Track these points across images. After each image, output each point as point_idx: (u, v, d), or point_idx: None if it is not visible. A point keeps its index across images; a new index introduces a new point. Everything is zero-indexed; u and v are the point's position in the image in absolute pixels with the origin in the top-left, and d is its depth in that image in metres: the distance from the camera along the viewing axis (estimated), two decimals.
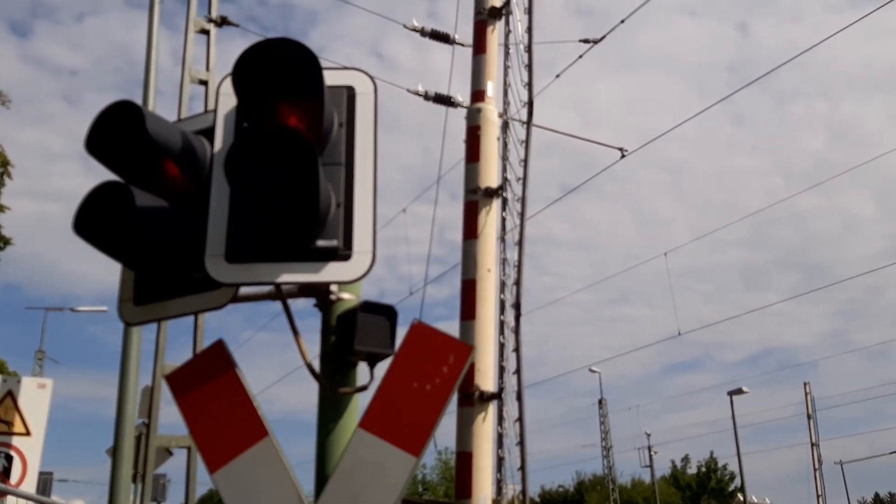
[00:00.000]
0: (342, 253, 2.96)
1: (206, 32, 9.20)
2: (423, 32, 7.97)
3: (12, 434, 7.14)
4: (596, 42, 9.46)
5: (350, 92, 3.26)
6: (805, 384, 36.72)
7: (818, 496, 34.55)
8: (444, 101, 7.93)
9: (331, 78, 3.19)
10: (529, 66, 6.59)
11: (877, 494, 58.95)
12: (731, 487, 48.15)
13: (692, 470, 51.56)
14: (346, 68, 3.34)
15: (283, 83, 3.00)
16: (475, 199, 6.03)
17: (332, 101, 3.16)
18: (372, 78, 3.31)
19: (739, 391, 35.97)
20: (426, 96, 7.97)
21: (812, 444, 35.78)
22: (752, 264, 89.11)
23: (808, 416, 36.26)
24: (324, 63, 2.94)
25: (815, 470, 35.37)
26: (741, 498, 37.89)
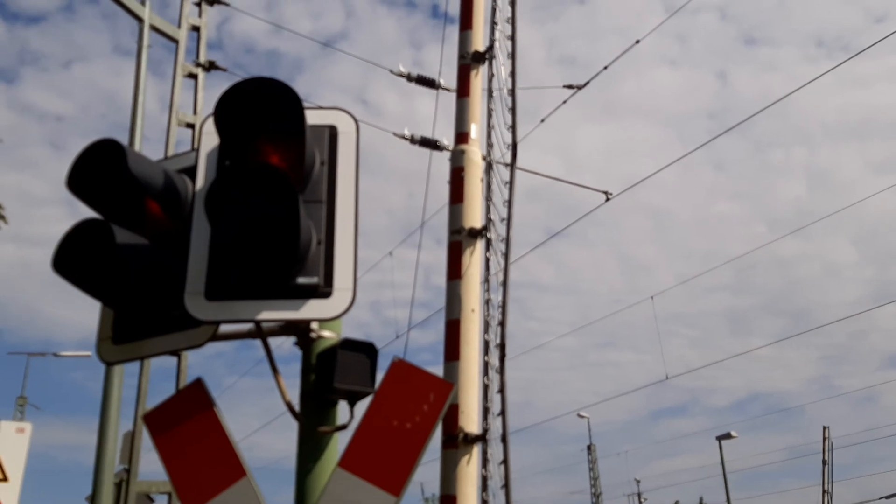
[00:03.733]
0: (323, 290, 2.95)
1: (193, 77, 9.29)
2: (409, 78, 8.08)
3: None
4: (580, 88, 9.60)
5: (332, 131, 3.29)
6: (825, 428, 35.33)
7: None
8: (430, 144, 8.00)
9: (313, 117, 3.22)
10: (513, 110, 6.68)
11: None
12: None
13: None
14: (328, 108, 3.38)
15: (265, 122, 3.03)
16: (459, 239, 6.05)
17: (314, 139, 3.19)
18: (354, 118, 3.35)
19: (728, 436, 35.70)
20: (412, 140, 8.05)
21: (824, 492, 34.76)
22: (737, 309, 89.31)
23: (824, 462, 35.03)
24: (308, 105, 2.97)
25: None
26: None
